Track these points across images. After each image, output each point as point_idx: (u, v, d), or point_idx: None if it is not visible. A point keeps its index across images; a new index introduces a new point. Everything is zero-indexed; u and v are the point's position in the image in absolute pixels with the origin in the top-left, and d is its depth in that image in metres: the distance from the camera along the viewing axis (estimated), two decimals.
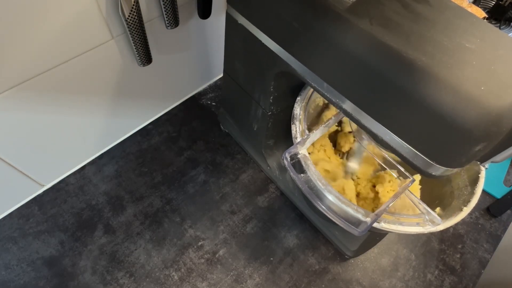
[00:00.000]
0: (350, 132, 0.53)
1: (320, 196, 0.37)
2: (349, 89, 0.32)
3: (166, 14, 0.48)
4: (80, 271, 0.51)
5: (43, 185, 0.57)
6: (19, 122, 0.45)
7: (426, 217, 0.38)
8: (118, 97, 0.55)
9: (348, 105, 0.33)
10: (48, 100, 0.46)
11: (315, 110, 0.51)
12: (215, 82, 0.74)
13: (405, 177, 0.43)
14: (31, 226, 0.54)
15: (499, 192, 0.63)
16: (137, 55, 0.48)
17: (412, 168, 0.31)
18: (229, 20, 0.44)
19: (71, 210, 0.55)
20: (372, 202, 0.50)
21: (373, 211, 0.39)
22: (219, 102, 0.70)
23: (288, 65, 0.38)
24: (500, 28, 0.72)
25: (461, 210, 0.39)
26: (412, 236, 0.57)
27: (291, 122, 0.45)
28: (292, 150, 0.39)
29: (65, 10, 0.39)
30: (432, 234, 0.58)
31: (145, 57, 0.49)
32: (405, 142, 0.30)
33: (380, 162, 0.45)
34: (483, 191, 0.63)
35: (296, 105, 0.46)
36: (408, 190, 0.39)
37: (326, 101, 0.49)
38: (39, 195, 0.57)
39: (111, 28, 0.45)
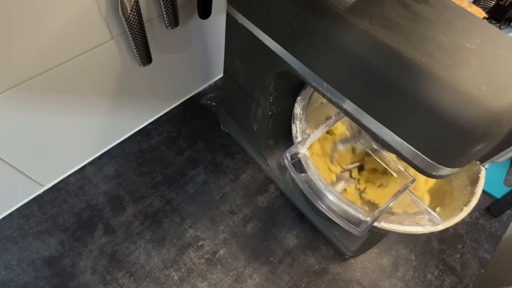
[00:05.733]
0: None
1: (320, 196, 0.37)
2: (349, 88, 0.32)
3: (166, 14, 0.48)
4: (80, 271, 0.51)
5: (43, 185, 0.57)
6: (19, 122, 0.45)
7: (426, 217, 0.38)
8: (118, 97, 0.55)
9: (348, 105, 0.33)
10: (48, 100, 0.46)
11: (315, 109, 0.51)
12: (215, 82, 0.74)
13: (406, 177, 0.43)
14: (31, 226, 0.54)
15: (499, 192, 0.63)
16: (137, 55, 0.48)
17: (413, 168, 0.31)
18: (229, 20, 0.44)
19: (71, 210, 0.55)
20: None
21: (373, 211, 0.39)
22: (219, 102, 0.70)
23: (288, 65, 0.38)
24: (500, 28, 0.72)
25: (461, 210, 0.39)
26: (412, 236, 0.57)
27: (292, 122, 0.45)
28: (292, 149, 0.39)
29: (65, 10, 0.39)
30: (432, 234, 0.58)
31: (145, 57, 0.49)
32: (405, 142, 0.30)
33: (382, 163, 0.45)
34: (483, 191, 0.63)
35: (296, 105, 0.46)
36: (408, 190, 0.39)
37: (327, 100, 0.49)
38: (39, 195, 0.57)
39: (111, 28, 0.45)
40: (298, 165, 0.39)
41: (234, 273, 0.52)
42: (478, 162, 0.33)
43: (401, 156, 0.31)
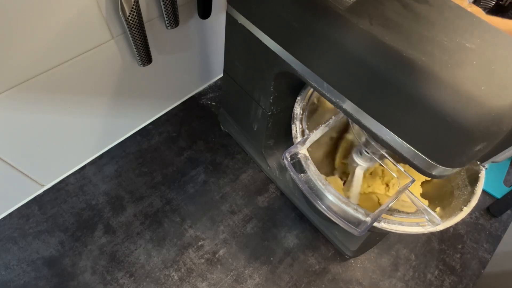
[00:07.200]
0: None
1: (320, 196, 0.37)
2: (349, 89, 0.32)
3: (166, 14, 0.48)
4: (80, 271, 0.51)
5: (43, 185, 0.57)
6: (19, 122, 0.45)
7: (426, 217, 0.38)
8: (118, 97, 0.55)
9: (348, 105, 0.33)
10: (48, 100, 0.46)
11: (315, 110, 0.51)
12: (215, 82, 0.74)
13: (405, 177, 0.43)
14: (31, 226, 0.54)
15: (499, 192, 0.63)
16: (137, 55, 0.48)
17: (413, 168, 0.31)
18: (229, 20, 0.44)
19: (71, 210, 0.55)
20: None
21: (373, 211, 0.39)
22: (219, 102, 0.70)
23: (288, 65, 0.38)
24: None
25: (461, 210, 0.39)
26: (412, 236, 0.57)
27: (291, 122, 0.45)
28: (292, 149, 0.39)
29: (65, 10, 0.39)
30: (432, 234, 0.58)
31: (145, 57, 0.49)
32: (405, 142, 0.30)
33: (381, 163, 0.45)
34: (483, 191, 0.63)
35: (296, 105, 0.46)
36: (408, 190, 0.39)
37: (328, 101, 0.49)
38: (39, 195, 0.57)
39: (111, 28, 0.45)
40: (298, 165, 0.39)
41: (234, 273, 0.52)
42: (478, 162, 0.33)
43: (401, 156, 0.31)
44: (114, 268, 0.51)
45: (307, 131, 0.45)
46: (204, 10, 0.54)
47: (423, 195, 0.48)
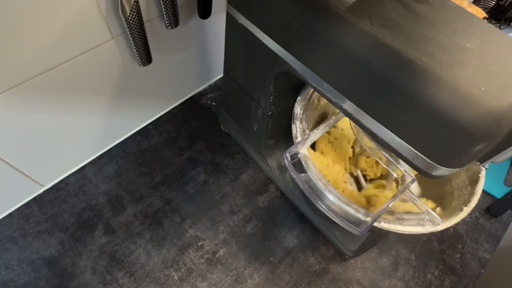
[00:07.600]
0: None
1: (320, 196, 0.37)
2: (349, 89, 0.32)
3: (166, 14, 0.48)
4: (80, 271, 0.51)
5: (43, 185, 0.57)
6: (19, 122, 0.45)
7: (426, 217, 0.38)
8: (118, 97, 0.55)
9: (348, 105, 0.33)
10: (48, 100, 0.46)
11: (315, 109, 0.51)
12: (215, 82, 0.74)
13: (406, 177, 0.43)
14: (31, 226, 0.54)
15: (499, 192, 0.63)
16: (137, 55, 0.48)
17: (412, 168, 0.31)
18: (229, 20, 0.44)
19: (71, 210, 0.55)
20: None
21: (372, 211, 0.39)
22: (219, 102, 0.71)
23: (288, 65, 0.38)
24: (500, 28, 0.72)
25: (461, 210, 0.39)
26: (412, 236, 0.57)
27: (292, 122, 0.45)
28: (292, 149, 0.39)
29: (65, 10, 0.39)
30: (432, 234, 0.58)
31: (145, 57, 0.49)
32: (405, 142, 0.30)
33: (382, 163, 0.45)
34: (483, 191, 0.63)
35: (296, 105, 0.46)
36: (408, 190, 0.39)
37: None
38: (39, 195, 0.57)
39: (111, 28, 0.45)
40: (298, 165, 0.39)
41: (234, 273, 0.52)
42: (478, 162, 0.33)
43: (400, 156, 0.31)
44: (114, 268, 0.51)
45: (307, 131, 0.45)
46: (204, 10, 0.54)
47: (423, 195, 0.48)
